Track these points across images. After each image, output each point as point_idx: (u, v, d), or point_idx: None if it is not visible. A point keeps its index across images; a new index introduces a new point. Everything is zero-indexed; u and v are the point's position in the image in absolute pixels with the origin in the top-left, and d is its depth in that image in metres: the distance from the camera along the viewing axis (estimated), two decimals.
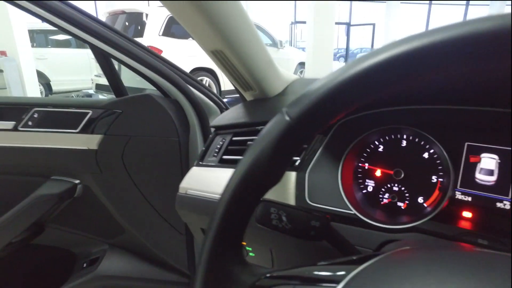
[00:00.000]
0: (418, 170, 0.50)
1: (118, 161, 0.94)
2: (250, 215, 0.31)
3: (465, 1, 13.42)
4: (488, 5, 12.38)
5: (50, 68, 6.17)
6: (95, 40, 0.78)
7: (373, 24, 11.99)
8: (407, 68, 0.24)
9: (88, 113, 0.93)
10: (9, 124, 0.94)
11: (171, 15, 4.84)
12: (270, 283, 0.30)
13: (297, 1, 12.67)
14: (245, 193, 0.30)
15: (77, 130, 0.93)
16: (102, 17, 5.04)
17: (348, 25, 12.72)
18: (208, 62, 5.17)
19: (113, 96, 0.98)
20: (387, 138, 0.53)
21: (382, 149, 0.53)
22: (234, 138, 0.66)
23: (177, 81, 0.88)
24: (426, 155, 0.50)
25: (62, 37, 6.47)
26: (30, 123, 0.95)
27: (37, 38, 6.13)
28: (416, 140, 0.51)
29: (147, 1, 11.25)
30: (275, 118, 0.30)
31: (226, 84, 5.27)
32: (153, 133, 0.91)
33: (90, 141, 0.93)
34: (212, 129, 0.73)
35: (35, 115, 0.95)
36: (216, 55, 0.56)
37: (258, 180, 0.30)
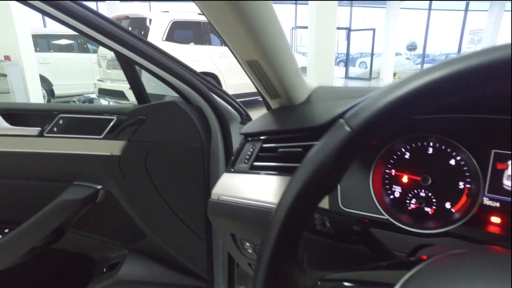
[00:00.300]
0: (445, 176, 0.51)
1: (141, 167, 0.96)
2: (307, 220, 0.33)
3: (464, 5, 13.54)
4: (487, 10, 12.50)
5: (52, 73, 6.17)
6: (119, 47, 0.80)
7: (373, 30, 12.07)
8: (458, 85, 0.27)
9: (112, 119, 0.94)
10: (35, 130, 0.96)
11: (174, 20, 4.92)
12: (328, 286, 0.32)
13: (297, 6, 12.76)
14: (305, 200, 0.32)
15: (101, 136, 0.94)
16: None
17: (349, 30, 12.81)
18: (211, 66, 5.22)
19: (117, 101, 1.00)
20: (413, 145, 0.55)
21: (409, 156, 0.55)
22: (264, 145, 0.68)
23: (200, 88, 0.90)
24: (452, 161, 0.51)
25: (64, 41, 6.48)
26: (55, 129, 0.96)
27: (40, 43, 6.13)
28: (443, 147, 0.52)
29: (150, 5, 11.34)
30: (334, 129, 0.32)
31: (228, 88, 5.30)
32: (176, 139, 0.93)
33: (113, 147, 0.95)
34: (241, 136, 0.74)
35: (60, 122, 0.96)
36: (251, 65, 0.58)
37: (318, 187, 0.32)
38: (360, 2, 13.25)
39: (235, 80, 5.30)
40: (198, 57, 5.03)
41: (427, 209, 0.52)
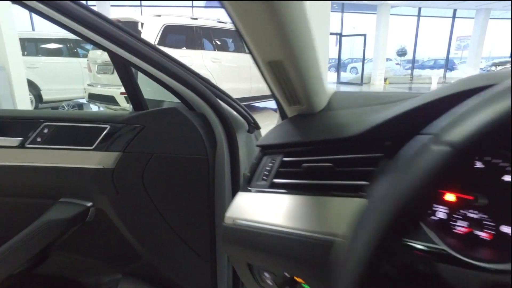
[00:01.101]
0: (498, 195, 0.44)
1: (138, 181, 0.86)
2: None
3: (451, 13, 13.87)
4: (473, 18, 12.84)
5: (40, 77, 6.07)
6: (113, 46, 0.71)
7: (364, 35, 12.21)
8: None
9: (105, 128, 0.84)
10: (15, 141, 0.85)
11: (166, 25, 4.86)
12: None
13: None
14: (393, 236, 0.25)
15: (92, 147, 0.84)
16: None
17: (340, 35, 12.93)
18: (203, 71, 5.15)
19: (108, 106, 0.90)
20: None
21: (455, 170, 0.47)
22: (285, 159, 0.59)
23: (205, 92, 0.81)
24: (508, 178, 0.44)
25: (53, 45, 6.39)
26: (39, 139, 0.85)
27: (28, 47, 6.03)
28: (495, 161, 0.45)
29: (141, 9, 11.25)
30: (420, 149, 0.25)
31: None
32: (178, 150, 0.83)
33: (106, 159, 0.85)
34: (250, 147, 0.66)
35: (45, 131, 0.85)
36: (272, 66, 0.50)
37: (409, 219, 0.24)
38: (351, 4, 13.40)
39: (228, 85, 5.26)
40: (190, 61, 4.97)
41: (481, 234, 0.45)
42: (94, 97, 4.89)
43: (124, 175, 0.86)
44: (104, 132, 0.84)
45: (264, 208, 0.54)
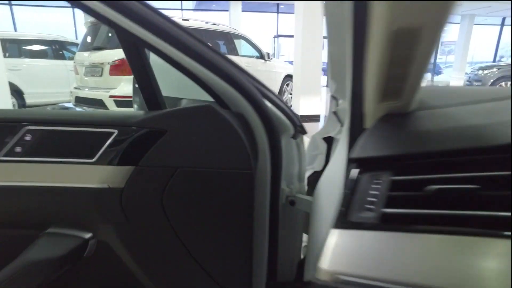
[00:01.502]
0: None
1: (156, 205, 0.67)
2: None
3: None
4: (459, 23, 13.16)
5: (24, 80, 5.90)
6: (123, 19, 0.54)
7: None
8: None
9: (111, 133, 0.66)
10: None
11: None
12: None
13: (279, 15, 12.85)
14: None
15: (93, 160, 0.66)
16: (84, 27, 4.76)
17: None
18: None
19: (99, 110, 0.70)
20: None
21: None
22: (397, 178, 0.43)
23: (250, 90, 0.63)
24: None
25: (37, 47, 6.18)
26: (18, 149, 0.66)
27: (10, 48, 5.81)
28: None
29: None
30: None
31: None
32: (213, 163, 0.64)
33: (113, 176, 0.67)
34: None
35: (27, 137, 0.66)
36: (399, 36, 0.37)
37: None
38: None
39: None
40: None
41: None
42: (81, 101, 4.72)
43: (137, 197, 0.68)
44: (110, 139, 0.66)
45: (380, 254, 0.37)
